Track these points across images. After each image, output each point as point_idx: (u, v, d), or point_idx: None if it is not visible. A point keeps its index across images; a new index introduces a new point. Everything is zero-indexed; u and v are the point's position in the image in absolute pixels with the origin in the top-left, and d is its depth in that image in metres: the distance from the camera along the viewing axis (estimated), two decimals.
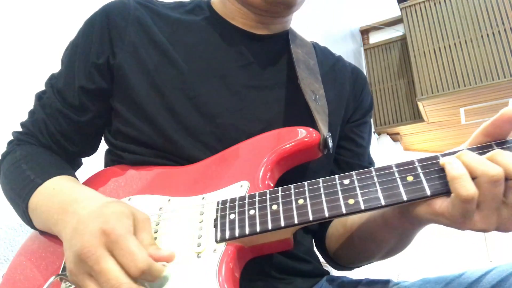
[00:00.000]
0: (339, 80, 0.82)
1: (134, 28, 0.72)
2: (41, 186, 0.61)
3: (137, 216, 0.52)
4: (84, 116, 0.72)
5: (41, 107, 0.72)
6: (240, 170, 0.61)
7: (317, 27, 3.30)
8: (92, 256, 0.45)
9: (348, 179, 0.51)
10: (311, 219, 0.49)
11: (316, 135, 0.62)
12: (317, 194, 0.51)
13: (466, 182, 0.43)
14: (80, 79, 0.71)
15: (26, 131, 0.73)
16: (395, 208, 0.54)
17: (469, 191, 0.42)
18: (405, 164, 0.49)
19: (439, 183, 0.46)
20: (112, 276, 0.44)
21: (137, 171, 0.68)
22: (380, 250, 0.66)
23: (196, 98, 0.69)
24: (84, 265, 0.46)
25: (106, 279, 0.45)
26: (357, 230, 0.67)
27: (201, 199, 0.58)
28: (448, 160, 0.45)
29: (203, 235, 0.53)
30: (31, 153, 0.68)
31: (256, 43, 0.76)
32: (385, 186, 0.48)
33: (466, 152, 0.45)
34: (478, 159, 0.44)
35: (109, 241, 0.46)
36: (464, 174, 0.43)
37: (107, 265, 0.45)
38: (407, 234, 0.60)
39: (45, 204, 0.59)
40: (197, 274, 0.50)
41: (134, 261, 0.45)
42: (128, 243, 0.46)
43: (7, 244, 0.96)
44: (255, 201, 0.53)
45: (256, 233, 0.50)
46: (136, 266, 0.45)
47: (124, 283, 0.44)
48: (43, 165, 0.66)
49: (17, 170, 0.66)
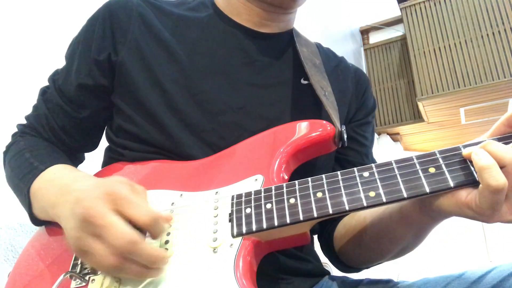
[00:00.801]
0: (342, 80, 0.82)
1: (137, 24, 0.71)
2: (43, 172, 0.62)
3: (135, 185, 0.52)
4: (83, 112, 0.73)
5: (44, 102, 0.74)
6: (254, 163, 0.60)
7: (317, 27, 3.30)
8: (97, 215, 0.46)
9: (368, 171, 0.50)
10: (331, 212, 0.48)
11: (331, 128, 0.62)
12: (336, 187, 0.50)
13: (495, 173, 0.42)
14: (80, 75, 0.71)
15: (29, 124, 0.74)
16: (415, 203, 0.53)
17: (499, 181, 0.41)
18: (426, 156, 0.48)
19: (463, 174, 0.45)
20: (117, 227, 0.45)
21: (145, 166, 0.68)
22: (394, 247, 0.65)
23: (198, 95, 0.69)
24: (89, 225, 0.46)
25: (111, 231, 0.45)
26: (370, 227, 0.65)
27: (215, 193, 0.58)
28: (475, 151, 0.44)
29: (219, 230, 0.52)
30: (34, 143, 0.70)
31: (260, 41, 0.76)
32: (407, 178, 0.48)
33: (491, 142, 0.45)
34: (505, 148, 0.43)
35: (114, 199, 0.47)
36: (493, 164, 0.42)
37: (112, 218, 0.46)
38: (424, 229, 0.59)
39: (45, 187, 0.59)
40: (213, 269, 0.49)
41: (143, 211, 0.47)
42: (134, 198, 0.48)
43: (7, 244, 0.95)
44: (272, 194, 0.52)
45: (274, 227, 0.50)
46: (146, 214, 0.47)
47: (128, 232, 0.45)
48: (46, 154, 0.67)
49: (21, 158, 0.67)
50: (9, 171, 0.69)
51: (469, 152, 0.45)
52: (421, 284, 0.61)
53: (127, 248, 0.45)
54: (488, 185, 0.42)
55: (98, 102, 0.73)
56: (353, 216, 0.72)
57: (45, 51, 1.12)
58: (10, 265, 0.93)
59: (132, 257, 0.46)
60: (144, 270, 0.48)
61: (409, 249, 0.66)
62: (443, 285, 0.58)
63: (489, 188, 0.42)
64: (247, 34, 0.76)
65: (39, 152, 0.67)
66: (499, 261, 1.15)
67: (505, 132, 0.47)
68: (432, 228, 0.59)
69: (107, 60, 0.70)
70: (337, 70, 0.83)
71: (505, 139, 0.46)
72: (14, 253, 0.95)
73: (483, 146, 0.45)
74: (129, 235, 0.45)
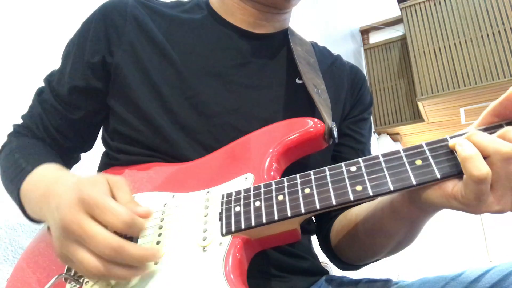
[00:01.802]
0: (338, 78, 0.82)
1: (132, 26, 0.71)
2: (30, 173, 0.62)
3: (111, 178, 0.52)
4: (77, 113, 0.73)
5: (39, 102, 0.74)
6: (244, 163, 0.61)
7: (316, 27, 3.30)
8: (74, 224, 0.45)
9: (355, 165, 0.50)
10: (318, 207, 0.48)
11: (321, 125, 0.62)
12: (324, 182, 0.50)
13: (478, 162, 0.42)
14: (73, 77, 0.71)
15: (24, 124, 0.75)
16: (404, 196, 0.53)
17: (481, 170, 0.41)
18: (413, 148, 0.48)
19: (449, 165, 0.45)
20: (97, 235, 0.44)
21: (139, 170, 0.68)
22: (389, 242, 0.65)
23: (193, 97, 0.69)
24: (69, 234, 0.46)
25: (92, 239, 0.44)
26: (364, 223, 0.66)
27: (206, 193, 0.58)
28: (459, 142, 0.44)
29: (209, 229, 0.53)
30: (25, 144, 0.70)
31: (255, 41, 0.76)
32: (393, 171, 0.47)
33: (475, 132, 0.44)
34: (489, 138, 0.43)
35: (87, 206, 0.46)
36: (476, 154, 0.42)
37: (91, 227, 0.45)
38: (417, 222, 0.58)
39: (32, 190, 0.60)
40: (203, 268, 0.49)
41: (116, 216, 0.45)
42: (106, 202, 0.46)
43: (7, 244, 0.95)
44: (261, 192, 0.53)
45: (263, 224, 0.50)
46: (119, 220, 0.45)
47: (110, 238, 0.44)
48: (34, 154, 0.67)
49: (11, 159, 0.67)
50: (1, 172, 0.70)
51: (454, 143, 0.45)
52: (420, 284, 0.61)
53: (111, 255, 0.44)
54: (471, 175, 0.42)
55: (92, 104, 0.73)
56: (348, 213, 0.72)
57: (43, 52, 1.12)
58: (10, 265, 0.93)
59: (120, 261, 0.46)
60: (133, 270, 0.47)
61: (405, 244, 0.66)
62: (442, 284, 0.58)
63: (472, 178, 0.42)
64: (242, 35, 0.76)
65: (28, 152, 0.67)
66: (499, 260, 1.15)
67: (491, 122, 0.47)
68: (424, 221, 0.58)
69: (101, 62, 0.70)
70: (333, 68, 0.83)
71: (491, 129, 0.46)
72: (14, 253, 0.95)
73: (468, 137, 0.44)
74: (111, 242, 0.44)
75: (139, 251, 0.46)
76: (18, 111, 0.78)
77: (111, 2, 0.74)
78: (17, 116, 0.78)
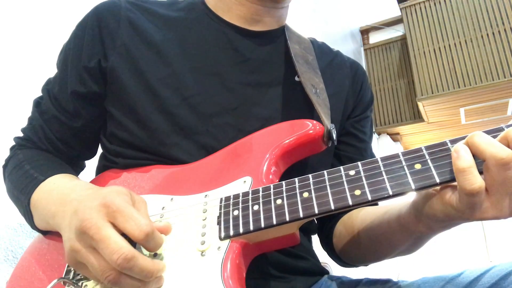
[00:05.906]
0: (338, 75, 0.81)
1: (126, 29, 0.70)
2: (43, 182, 0.61)
3: (134, 195, 0.51)
4: (79, 121, 0.72)
5: (39, 113, 0.73)
6: (243, 166, 0.60)
7: (316, 27, 3.30)
8: (92, 227, 0.45)
9: (354, 169, 0.50)
10: (316, 212, 0.48)
11: (320, 127, 0.62)
12: (322, 186, 0.50)
13: (470, 176, 0.41)
14: (72, 83, 0.70)
15: (26, 137, 0.74)
16: (411, 213, 0.53)
17: (473, 185, 0.41)
18: (412, 152, 0.47)
19: (449, 170, 0.44)
20: (113, 242, 0.44)
21: (137, 173, 0.67)
22: (392, 251, 0.65)
23: (191, 97, 0.68)
24: (85, 237, 0.45)
25: (106, 245, 0.44)
26: (369, 231, 0.65)
27: (204, 196, 0.58)
28: (455, 148, 0.44)
29: (207, 233, 0.52)
30: (33, 155, 0.70)
31: (252, 39, 0.75)
32: (392, 175, 0.47)
33: (477, 134, 0.43)
34: (487, 142, 0.42)
35: (110, 212, 0.46)
36: (469, 167, 0.41)
37: (108, 232, 0.44)
38: (421, 238, 0.58)
39: (45, 197, 0.59)
40: (201, 272, 0.49)
41: (138, 225, 0.45)
42: (131, 211, 0.46)
43: (7, 244, 0.95)
44: (259, 196, 0.52)
45: (261, 228, 0.49)
46: (141, 230, 0.45)
47: (124, 247, 0.44)
48: (45, 165, 0.67)
49: (20, 171, 0.66)
50: (9, 184, 0.69)
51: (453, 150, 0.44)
52: (420, 284, 0.60)
53: (122, 264, 0.44)
54: (462, 188, 0.42)
55: (93, 110, 0.72)
56: (352, 215, 0.71)
57: (40, 58, 1.11)
58: (10, 265, 0.93)
59: (128, 273, 0.45)
60: (141, 283, 0.47)
61: (407, 253, 0.66)
62: (442, 284, 0.58)
63: (464, 191, 0.42)
64: (239, 32, 0.74)
65: (39, 163, 0.67)
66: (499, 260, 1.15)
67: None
68: (430, 238, 0.58)
69: (97, 66, 0.69)
70: (332, 65, 0.82)
71: (494, 131, 0.45)
72: (14, 253, 0.95)
73: (468, 139, 0.44)
74: (124, 251, 0.44)
75: (146, 264, 0.46)
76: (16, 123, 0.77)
77: (104, 5, 0.72)
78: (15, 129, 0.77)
